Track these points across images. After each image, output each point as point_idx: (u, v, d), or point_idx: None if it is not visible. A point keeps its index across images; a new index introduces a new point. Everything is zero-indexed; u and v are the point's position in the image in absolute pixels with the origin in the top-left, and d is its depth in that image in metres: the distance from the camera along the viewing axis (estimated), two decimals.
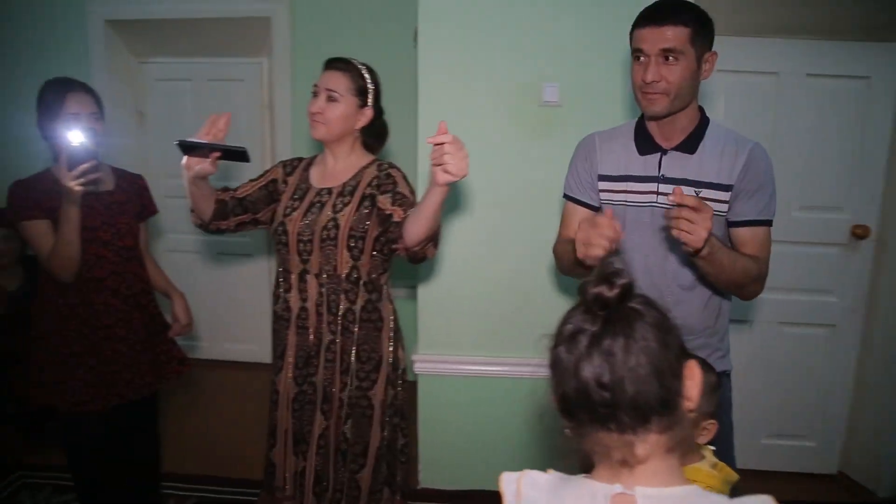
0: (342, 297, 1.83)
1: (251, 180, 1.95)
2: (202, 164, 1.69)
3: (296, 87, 3.56)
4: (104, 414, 1.98)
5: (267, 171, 1.99)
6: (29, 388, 1.98)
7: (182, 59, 3.85)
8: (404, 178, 1.86)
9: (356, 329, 1.84)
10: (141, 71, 3.90)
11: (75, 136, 1.74)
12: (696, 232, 1.34)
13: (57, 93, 1.88)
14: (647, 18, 1.52)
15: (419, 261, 1.76)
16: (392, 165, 1.88)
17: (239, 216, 1.91)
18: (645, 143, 1.64)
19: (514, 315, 2.51)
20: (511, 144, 2.38)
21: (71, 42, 3.64)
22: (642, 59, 1.52)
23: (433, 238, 1.71)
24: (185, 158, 1.69)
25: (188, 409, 3.46)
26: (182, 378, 2.23)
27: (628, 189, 1.64)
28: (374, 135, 1.94)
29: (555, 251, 1.79)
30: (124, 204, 2.05)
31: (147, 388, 2.06)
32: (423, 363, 2.56)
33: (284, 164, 2.00)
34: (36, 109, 1.91)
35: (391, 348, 1.90)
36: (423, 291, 2.54)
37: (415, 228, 1.64)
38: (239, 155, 1.70)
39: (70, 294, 1.93)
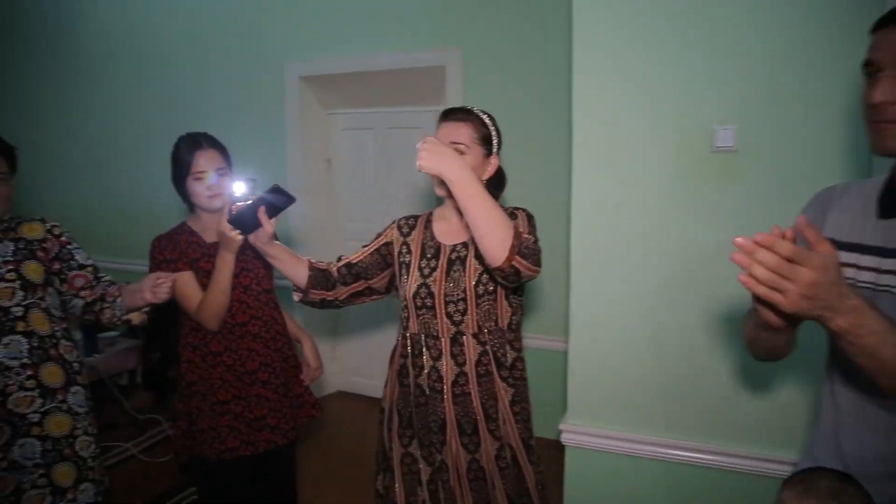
0: (507, 347, 1.73)
1: (363, 246, 1.88)
2: (259, 232, 1.69)
3: None
4: (251, 460, 2.02)
5: (379, 235, 1.89)
6: (178, 438, 2.07)
7: (364, 109, 4.08)
8: (527, 218, 1.70)
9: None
10: (328, 121, 4.20)
11: (238, 188, 1.81)
12: (785, 288, 0.90)
13: (187, 151, 1.97)
14: (886, 17, 1.03)
15: (514, 280, 1.55)
16: (517, 208, 1.73)
17: (350, 285, 1.82)
18: (890, 202, 1.12)
19: (686, 392, 2.15)
20: (677, 196, 2.07)
21: (270, 97, 4.04)
22: (878, 74, 1.04)
23: (505, 245, 1.48)
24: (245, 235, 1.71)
25: (348, 446, 3.52)
26: (315, 422, 2.25)
27: (857, 263, 1.13)
28: (496, 184, 1.80)
29: (745, 324, 1.34)
30: None
31: (290, 434, 2.09)
32: (573, 434, 2.31)
33: (399, 225, 1.88)
34: (171, 165, 2.01)
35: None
36: (576, 354, 2.30)
37: (478, 242, 1.53)
38: (280, 196, 1.65)
39: (213, 342, 2.00)
